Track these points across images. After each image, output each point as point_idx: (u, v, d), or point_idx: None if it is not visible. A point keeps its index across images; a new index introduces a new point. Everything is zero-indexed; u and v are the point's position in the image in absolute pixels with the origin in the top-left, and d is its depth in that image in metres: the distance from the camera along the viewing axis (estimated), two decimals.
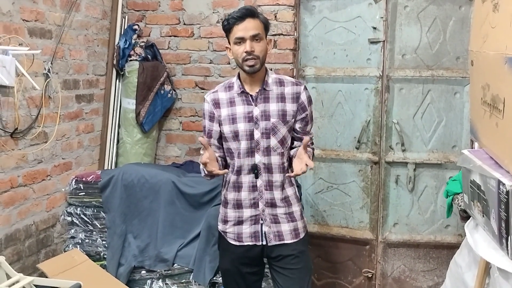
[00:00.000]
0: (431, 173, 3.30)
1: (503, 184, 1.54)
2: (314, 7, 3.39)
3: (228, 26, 2.18)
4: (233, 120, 2.24)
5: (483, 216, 1.77)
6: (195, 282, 2.93)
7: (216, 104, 2.29)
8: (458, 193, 2.37)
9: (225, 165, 2.33)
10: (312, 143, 2.40)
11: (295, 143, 2.32)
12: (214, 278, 2.86)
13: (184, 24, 3.66)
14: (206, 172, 2.18)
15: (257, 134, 2.21)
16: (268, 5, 3.39)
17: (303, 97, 2.27)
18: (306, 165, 2.06)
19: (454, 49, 3.19)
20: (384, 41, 3.25)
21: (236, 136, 2.23)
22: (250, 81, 2.24)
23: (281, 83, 2.26)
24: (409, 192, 3.33)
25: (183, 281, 2.99)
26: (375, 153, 3.35)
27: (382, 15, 3.24)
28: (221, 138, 2.30)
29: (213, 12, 3.57)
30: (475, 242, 1.86)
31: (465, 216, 2.27)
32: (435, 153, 3.27)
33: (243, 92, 2.24)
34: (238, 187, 2.27)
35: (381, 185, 3.37)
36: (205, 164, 2.08)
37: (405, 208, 3.36)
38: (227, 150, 2.30)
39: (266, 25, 2.21)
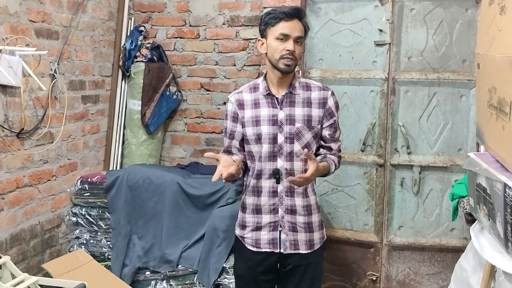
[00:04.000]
0: (437, 176, 3.29)
1: (509, 188, 1.53)
2: (320, 9, 3.39)
3: (274, 18, 2.10)
4: (256, 122, 2.18)
5: (489, 220, 1.76)
6: (199, 283, 2.93)
7: (241, 105, 2.22)
8: (464, 196, 2.36)
9: (245, 169, 2.27)
10: (340, 150, 2.33)
11: (321, 150, 2.28)
12: (218, 279, 2.85)
13: (190, 25, 3.67)
14: (224, 179, 2.07)
15: (280, 138, 2.16)
16: (274, 7, 3.38)
17: (330, 103, 2.21)
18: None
19: (461, 52, 3.17)
20: (390, 43, 3.24)
21: (258, 139, 2.18)
22: (277, 83, 2.18)
23: (308, 87, 2.21)
24: (414, 195, 3.32)
25: (187, 282, 2.99)
26: (381, 156, 3.34)
27: (388, 17, 3.23)
28: (243, 140, 2.25)
29: (219, 14, 3.58)
30: (480, 246, 1.85)
31: (471, 219, 2.25)
32: (441, 156, 3.26)
33: (269, 94, 2.19)
34: (257, 191, 2.21)
35: (386, 187, 3.36)
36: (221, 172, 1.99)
37: (410, 211, 3.34)
38: (248, 153, 2.24)
39: (306, 31, 2.17)
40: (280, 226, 2.21)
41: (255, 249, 2.24)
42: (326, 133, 2.23)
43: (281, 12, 2.09)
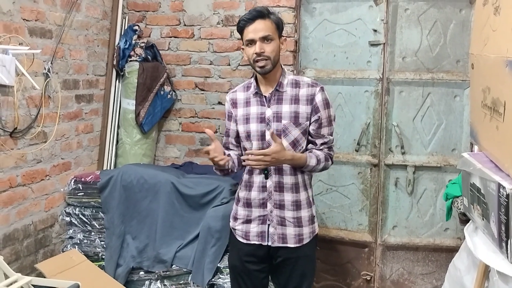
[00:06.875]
0: (431, 176, 3.30)
1: (503, 188, 1.54)
2: (314, 9, 3.39)
3: (240, 28, 2.20)
4: (246, 120, 2.27)
5: (483, 219, 1.76)
6: (193, 283, 2.92)
7: (234, 103, 2.33)
8: (458, 196, 2.37)
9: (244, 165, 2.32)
10: (330, 148, 2.30)
11: (309, 145, 2.30)
12: (213, 279, 2.85)
13: (185, 25, 3.65)
14: (214, 165, 2.24)
15: (268, 135, 2.21)
16: (269, 6, 3.37)
17: (318, 99, 2.24)
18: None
19: (455, 52, 3.19)
20: (384, 43, 3.25)
21: (248, 136, 2.27)
22: (265, 82, 2.26)
23: (297, 84, 2.26)
24: (409, 195, 3.33)
25: (181, 282, 2.98)
26: (375, 156, 3.35)
27: (383, 17, 3.24)
28: (239, 137, 2.34)
29: (213, 13, 3.57)
30: (474, 245, 1.85)
31: (465, 219, 2.26)
32: (435, 156, 3.27)
33: (257, 93, 2.26)
34: (249, 186, 2.30)
35: (380, 187, 3.36)
36: (207, 153, 2.14)
37: (404, 211, 3.35)
38: (243, 149, 2.34)
39: (278, 25, 2.21)
40: (269, 220, 2.27)
41: (244, 241, 2.33)
42: (311, 128, 2.27)
43: (242, 19, 2.18)
